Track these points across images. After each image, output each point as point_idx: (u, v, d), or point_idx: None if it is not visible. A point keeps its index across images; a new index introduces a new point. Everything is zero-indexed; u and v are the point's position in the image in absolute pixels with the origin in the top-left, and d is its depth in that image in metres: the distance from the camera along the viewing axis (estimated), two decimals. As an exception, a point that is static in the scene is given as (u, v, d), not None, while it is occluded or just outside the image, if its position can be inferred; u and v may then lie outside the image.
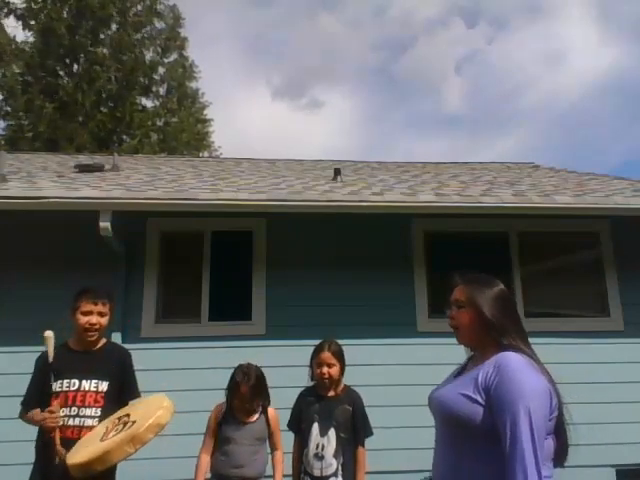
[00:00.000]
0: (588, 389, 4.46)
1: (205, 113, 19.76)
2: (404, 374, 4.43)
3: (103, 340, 2.82)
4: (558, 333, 4.72)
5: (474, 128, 51.98)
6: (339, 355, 2.95)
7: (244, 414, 2.88)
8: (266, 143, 33.24)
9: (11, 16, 16.33)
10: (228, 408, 2.90)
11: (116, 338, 4.19)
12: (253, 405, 2.88)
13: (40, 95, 15.71)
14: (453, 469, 1.56)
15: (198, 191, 4.69)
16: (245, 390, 2.81)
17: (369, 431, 2.95)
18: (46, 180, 5.09)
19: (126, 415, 2.45)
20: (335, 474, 2.78)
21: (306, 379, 3.03)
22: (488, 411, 1.48)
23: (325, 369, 2.88)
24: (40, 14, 16.16)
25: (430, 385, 1.80)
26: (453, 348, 1.85)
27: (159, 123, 18.17)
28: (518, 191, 5.25)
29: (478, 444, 1.50)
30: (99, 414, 2.59)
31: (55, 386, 2.60)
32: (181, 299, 4.90)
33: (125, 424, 2.35)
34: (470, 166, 8.31)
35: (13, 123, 16.20)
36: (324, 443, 2.80)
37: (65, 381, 2.62)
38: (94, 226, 4.12)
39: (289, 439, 2.99)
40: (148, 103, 18.24)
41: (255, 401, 2.87)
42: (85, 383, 2.62)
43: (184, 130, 18.09)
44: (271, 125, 39.43)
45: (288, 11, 42.90)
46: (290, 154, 18.32)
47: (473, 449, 1.51)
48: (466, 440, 1.53)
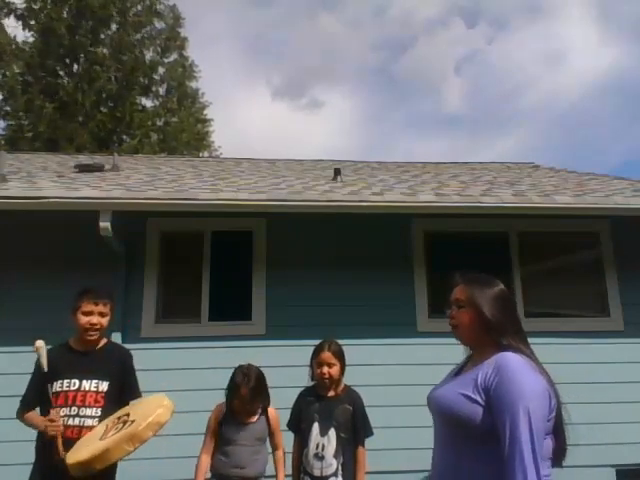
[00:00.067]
0: (588, 389, 4.46)
1: (205, 113, 19.78)
2: (404, 374, 4.43)
3: (104, 340, 2.82)
4: (558, 333, 4.72)
5: (474, 128, 52.04)
6: (339, 355, 2.94)
7: (244, 415, 2.88)
8: (266, 143, 33.29)
9: (11, 16, 16.36)
10: (228, 409, 2.90)
11: (116, 338, 4.19)
12: (253, 406, 2.87)
13: (40, 95, 15.72)
14: (453, 469, 1.56)
15: (198, 191, 4.69)
16: (245, 391, 2.80)
17: (369, 431, 2.94)
18: (46, 180, 5.09)
19: (126, 414, 2.46)
20: (335, 474, 2.77)
21: (306, 379, 3.02)
22: (488, 411, 1.49)
23: (325, 369, 2.88)
24: (40, 14, 16.17)
25: (430, 385, 1.80)
26: (453, 348, 1.85)
27: (159, 123, 18.18)
28: (518, 191, 5.25)
29: (478, 444, 1.50)
30: (99, 414, 2.59)
31: (55, 386, 2.61)
32: (181, 299, 4.89)
33: (125, 423, 2.36)
34: (470, 166, 8.31)
35: (13, 123, 16.21)
36: (324, 443, 2.80)
37: (65, 381, 2.62)
38: (94, 226, 4.12)
39: (289, 439, 2.99)
40: (148, 103, 18.29)
41: (255, 403, 2.87)
42: (85, 383, 2.63)
43: (184, 130, 18.09)
44: (271, 125, 39.48)
45: (288, 11, 42.94)
46: (290, 154, 18.35)
47: (473, 449, 1.52)
48: (466, 440, 1.53)
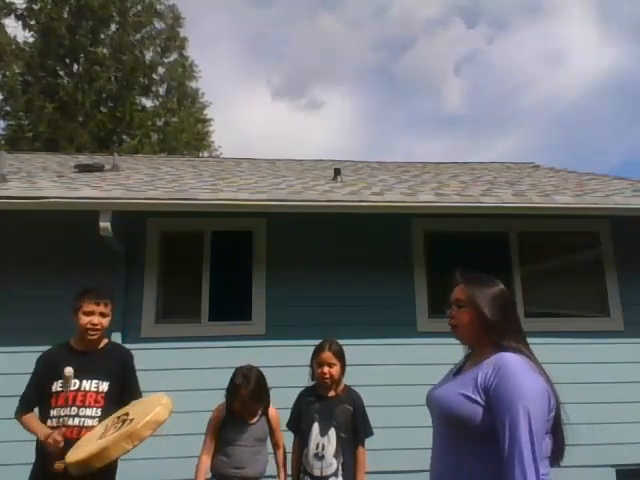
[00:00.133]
0: (588, 389, 4.47)
1: (205, 113, 19.79)
2: (404, 374, 4.43)
3: (105, 340, 2.83)
4: (558, 333, 4.72)
5: (474, 128, 52.04)
6: (340, 355, 2.94)
7: (245, 416, 2.87)
8: (266, 143, 33.29)
9: (11, 16, 16.36)
10: (228, 410, 2.89)
11: (116, 338, 4.19)
12: (253, 408, 2.87)
13: (40, 95, 15.73)
14: (452, 469, 1.56)
15: (198, 191, 4.69)
16: (245, 393, 2.79)
17: (369, 431, 2.94)
18: (46, 180, 5.09)
19: (125, 414, 2.46)
20: (335, 474, 2.77)
21: (306, 379, 3.02)
22: (488, 411, 1.49)
23: (326, 369, 2.88)
24: (40, 14, 16.17)
25: (430, 385, 1.80)
26: (453, 348, 1.85)
27: (159, 123, 18.19)
28: (518, 191, 5.25)
29: (477, 444, 1.51)
30: (99, 414, 2.59)
31: (55, 386, 2.61)
32: (181, 299, 4.89)
33: (124, 422, 2.36)
34: (470, 166, 8.31)
35: (13, 123, 16.22)
36: (324, 443, 2.80)
37: (66, 381, 2.62)
38: (94, 226, 4.12)
39: (289, 439, 2.99)
40: (148, 103, 18.30)
41: (255, 404, 2.86)
42: (85, 383, 2.63)
43: (184, 130, 18.09)
44: (271, 125, 39.49)
45: (288, 11, 42.95)
46: (290, 154, 18.39)
47: (473, 449, 1.52)
48: (466, 440, 1.53)
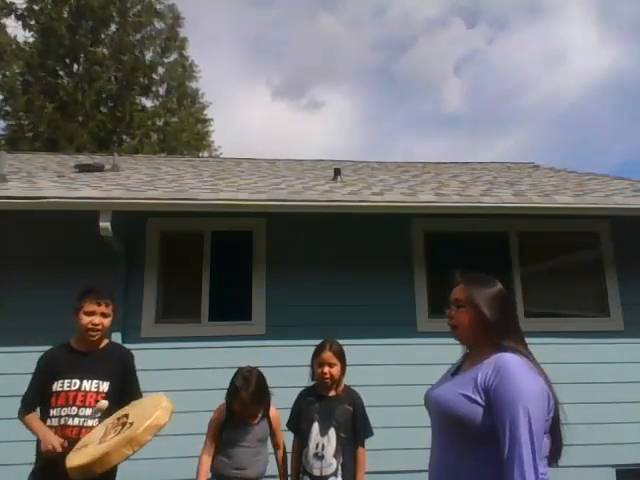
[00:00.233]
0: (588, 389, 4.47)
1: (205, 113, 19.78)
2: (404, 374, 4.43)
3: (105, 341, 2.83)
4: (558, 333, 4.72)
5: (474, 128, 52.06)
6: (340, 355, 2.94)
7: (245, 417, 2.86)
8: (266, 143, 33.30)
9: (11, 16, 16.36)
10: (229, 411, 2.89)
11: (116, 338, 4.19)
12: (253, 409, 2.86)
13: (40, 95, 15.73)
14: (452, 469, 1.56)
15: (198, 191, 4.69)
16: (245, 396, 2.79)
17: (369, 431, 2.94)
18: (46, 180, 5.09)
19: (125, 415, 2.45)
20: (335, 474, 2.77)
21: (306, 379, 3.02)
22: (488, 411, 1.49)
23: (326, 369, 2.88)
24: (40, 14, 16.17)
25: (430, 385, 1.80)
26: (453, 348, 1.85)
27: (159, 123, 18.19)
28: (518, 191, 5.25)
29: (477, 444, 1.51)
30: (99, 414, 2.60)
31: (56, 386, 2.61)
32: (181, 299, 4.89)
33: (124, 425, 2.35)
34: (470, 166, 8.31)
35: (13, 123, 16.22)
36: (324, 443, 2.80)
37: (66, 381, 2.62)
38: (94, 226, 4.12)
39: (289, 439, 2.99)
40: (148, 103, 18.30)
41: (256, 406, 2.85)
42: (86, 383, 2.63)
43: (184, 130, 18.09)
44: (271, 125, 39.50)
45: (288, 11, 42.95)
46: (290, 154, 18.39)
47: (472, 449, 1.52)
48: (465, 440, 1.53)
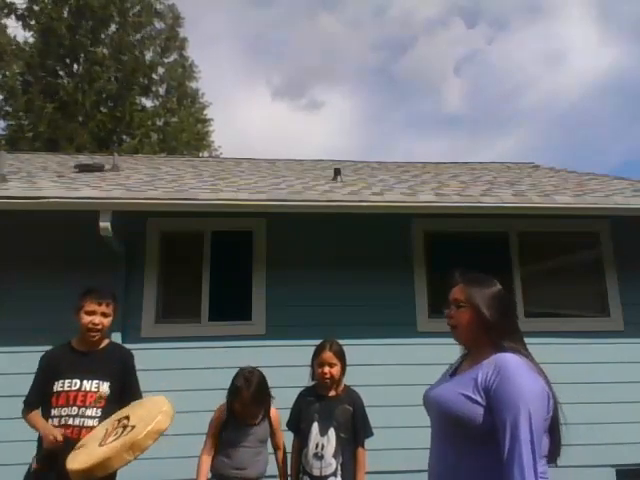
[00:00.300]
0: (588, 389, 4.47)
1: (205, 113, 19.79)
2: (404, 374, 4.43)
3: (106, 341, 2.83)
4: (558, 333, 4.72)
5: (474, 128, 52.05)
6: (340, 355, 2.94)
7: (246, 418, 2.86)
8: (266, 143, 33.29)
9: (11, 16, 16.36)
10: (229, 411, 2.88)
11: (116, 338, 4.19)
12: (254, 410, 2.86)
13: (40, 95, 15.73)
14: (452, 469, 1.56)
15: (198, 191, 4.69)
16: (246, 396, 2.78)
17: (369, 431, 2.94)
18: (46, 180, 5.09)
19: (125, 417, 2.44)
20: (334, 474, 2.77)
21: (306, 379, 3.02)
22: (488, 411, 1.49)
23: (327, 369, 2.88)
24: (40, 14, 16.17)
25: (430, 385, 1.80)
26: (453, 348, 1.85)
27: (159, 123, 18.19)
28: (518, 191, 5.25)
29: (477, 444, 1.51)
30: (99, 414, 2.60)
31: (56, 386, 2.62)
32: (181, 299, 4.89)
33: (125, 427, 2.35)
34: (470, 166, 8.31)
35: (13, 123, 16.22)
36: (324, 443, 2.80)
37: (67, 381, 2.63)
38: (94, 226, 4.12)
39: (289, 439, 2.99)
40: (148, 103, 18.30)
41: (256, 407, 2.85)
42: (86, 383, 2.63)
43: (184, 130, 18.09)
44: (271, 125, 39.49)
45: (288, 11, 42.95)
46: (290, 154, 18.38)
47: (472, 449, 1.52)
48: (465, 440, 1.53)
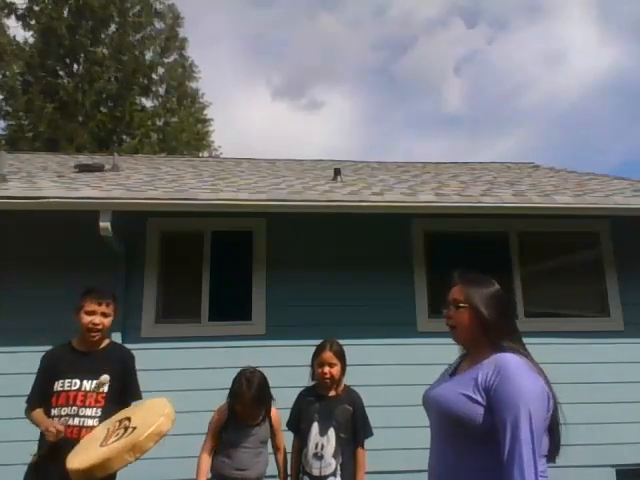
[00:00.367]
0: (588, 389, 4.47)
1: (205, 113, 19.79)
2: (404, 374, 4.43)
3: (106, 341, 2.83)
4: (558, 333, 4.72)
5: (474, 128, 52.04)
6: (340, 355, 2.94)
7: (246, 419, 2.86)
8: (266, 143, 33.28)
9: (11, 16, 16.37)
10: (230, 412, 2.88)
11: (116, 338, 4.18)
12: (255, 411, 2.86)
13: (40, 95, 15.73)
14: (452, 469, 1.56)
15: (198, 191, 4.69)
16: (247, 397, 2.78)
17: (369, 431, 2.94)
18: (46, 180, 5.09)
19: (127, 419, 2.44)
20: (334, 474, 2.77)
21: (306, 379, 3.02)
22: (488, 411, 1.49)
23: (327, 369, 2.88)
24: (40, 14, 16.18)
25: (429, 385, 1.80)
26: (453, 348, 1.85)
27: (159, 123, 18.18)
28: (518, 191, 5.25)
29: (477, 444, 1.51)
30: (99, 414, 2.60)
31: (57, 385, 2.62)
32: (181, 299, 4.89)
33: (126, 429, 2.34)
34: (470, 166, 8.31)
35: (13, 123, 16.22)
36: (323, 443, 2.80)
37: (67, 381, 2.63)
38: (94, 226, 4.12)
39: (289, 439, 2.99)
40: (148, 103, 18.30)
41: (257, 408, 2.85)
42: (86, 383, 2.63)
43: (184, 130, 18.09)
44: (271, 125, 39.48)
45: (288, 11, 42.93)
46: (290, 154, 18.36)
47: (472, 449, 1.52)
48: (465, 440, 1.54)
